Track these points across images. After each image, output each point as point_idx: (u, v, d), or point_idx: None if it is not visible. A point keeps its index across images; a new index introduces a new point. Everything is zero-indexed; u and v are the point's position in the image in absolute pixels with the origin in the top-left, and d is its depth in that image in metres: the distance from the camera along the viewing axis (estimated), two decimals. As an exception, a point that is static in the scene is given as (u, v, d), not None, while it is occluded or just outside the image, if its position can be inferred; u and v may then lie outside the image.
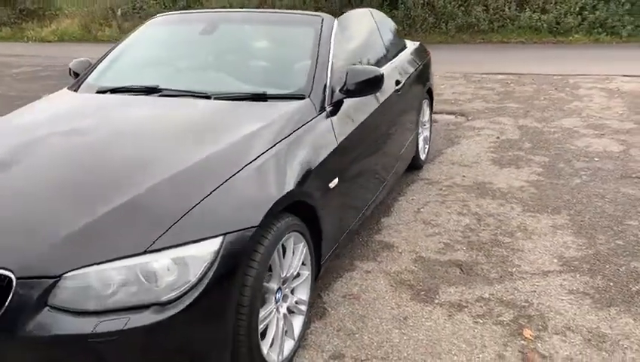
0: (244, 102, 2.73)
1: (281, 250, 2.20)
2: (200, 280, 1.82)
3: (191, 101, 2.73)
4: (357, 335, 2.56)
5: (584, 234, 3.47)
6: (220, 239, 1.88)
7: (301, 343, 2.47)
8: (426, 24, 13.79)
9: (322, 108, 2.75)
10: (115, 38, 17.14)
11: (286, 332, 2.34)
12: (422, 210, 3.91)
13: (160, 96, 2.81)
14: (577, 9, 12.72)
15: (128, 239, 1.81)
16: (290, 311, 2.39)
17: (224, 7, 15.89)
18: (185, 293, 1.80)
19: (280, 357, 2.26)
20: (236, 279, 1.92)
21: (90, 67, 3.34)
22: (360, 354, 2.43)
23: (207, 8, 15.99)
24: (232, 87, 2.85)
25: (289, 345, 2.35)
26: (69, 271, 1.73)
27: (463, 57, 11.18)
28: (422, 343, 2.50)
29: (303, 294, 2.47)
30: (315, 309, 2.74)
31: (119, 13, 17.41)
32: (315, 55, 2.94)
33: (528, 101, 7.11)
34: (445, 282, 2.99)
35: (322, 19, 3.17)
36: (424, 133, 4.78)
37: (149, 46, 3.38)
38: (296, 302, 2.42)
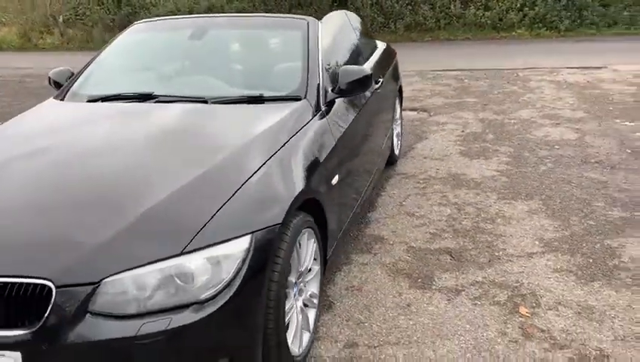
0: (241, 105, 2.80)
1: (297, 246, 2.28)
2: (234, 277, 1.89)
3: (190, 106, 2.77)
4: (366, 324, 2.68)
5: (558, 216, 3.71)
6: (249, 237, 1.95)
7: (315, 335, 2.56)
8: (375, 23, 14.06)
9: (318, 108, 2.84)
10: (58, 45, 16.64)
11: (302, 325, 2.42)
12: (404, 203, 4.06)
13: (156, 102, 2.84)
14: (518, 5, 13.31)
15: (162, 242, 1.86)
16: (304, 304, 2.47)
17: (172, 12, 15.70)
18: (220, 291, 1.86)
19: (300, 349, 2.34)
20: (265, 275, 2.00)
21: (74, 76, 3.31)
22: (372, 342, 2.55)
23: (154, 14, 15.75)
24: (228, 91, 2.91)
25: (306, 337, 2.43)
26: (108, 276, 1.76)
27: (414, 55, 11.46)
28: (428, 327, 2.63)
29: (315, 288, 2.56)
30: (322, 302, 2.83)
31: (61, 20, 16.89)
32: (305, 57, 3.03)
33: (484, 95, 7.43)
34: (439, 269, 3.14)
35: (308, 22, 3.26)
36: (396, 130, 4.95)
37: (135, 53, 3.38)
38: (310, 296, 2.51)
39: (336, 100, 3.03)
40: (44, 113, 2.96)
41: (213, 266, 1.87)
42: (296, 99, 2.83)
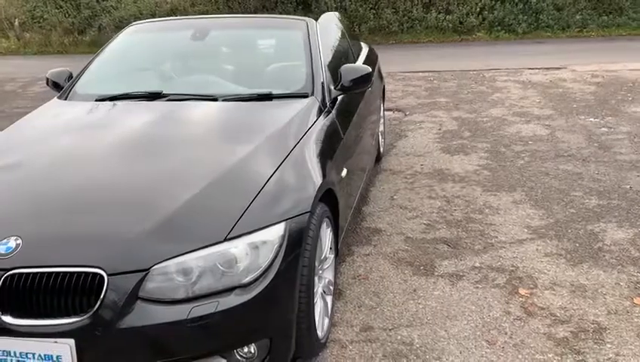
0: (251, 102, 2.90)
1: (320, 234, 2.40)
2: (272, 262, 1.99)
3: (203, 104, 2.85)
4: (377, 309, 2.81)
5: (541, 206, 3.94)
6: (284, 224, 2.06)
7: (331, 321, 2.68)
8: (340, 27, 14.26)
9: (324, 105, 2.97)
10: (14, 50, 16.18)
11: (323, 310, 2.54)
12: (395, 197, 4.22)
13: (167, 100, 2.90)
14: (478, 9, 13.76)
15: (206, 230, 1.95)
16: (323, 291, 2.58)
17: (134, 15, 15.52)
18: (261, 275, 1.96)
19: (322, 333, 2.45)
20: (298, 260, 2.10)
21: (76, 76, 3.33)
22: (386, 325, 2.68)
23: (116, 16, 15.54)
24: (235, 89, 3.00)
25: (326, 322, 2.55)
26: (157, 263, 1.84)
27: (381, 58, 11.66)
28: (437, 309, 2.79)
29: (331, 276, 2.68)
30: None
31: (17, 23, 16.43)
32: (308, 56, 3.16)
33: (455, 95, 7.70)
34: (438, 257, 3.30)
35: (307, 23, 3.38)
36: (380, 128, 5.11)
37: (137, 53, 3.43)
38: (328, 283, 2.63)
39: (339, 97, 3.16)
40: (56, 113, 2.98)
41: (253, 252, 1.97)
42: (303, 96, 2.95)
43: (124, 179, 2.20)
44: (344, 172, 2.87)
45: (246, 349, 2.01)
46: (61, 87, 3.37)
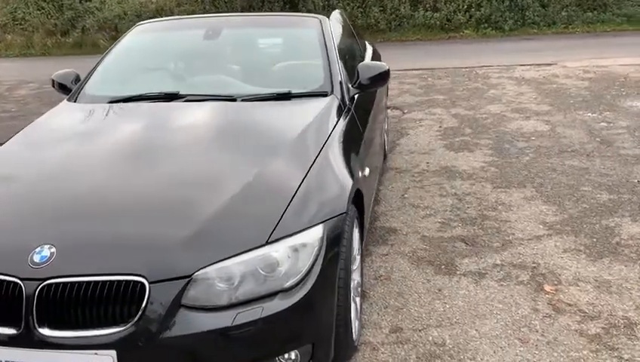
0: (270, 102, 2.83)
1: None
2: (312, 265, 1.94)
3: (222, 104, 2.78)
4: (404, 310, 2.77)
5: (553, 202, 3.94)
6: (322, 226, 2.01)
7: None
8: (327, 26, 14.21)
9: (344, 103, 2.92)
10: (-6, 52, 15.86)
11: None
12: (405, 195, 4.19)
13: (185, 101, 2.83)
14: (465, 7, 13.80)
15: (246, 234, 1.89)
16: (353, 293, 2.53)
17: (119, 16, 15.31)
18: (302, 279, 1.91)
19: (355, 336, 2.41)
20: (336, 262, 2.06)
21: (85, 78, 3.24)
22: (416, 325, 2.65)
23: (100, 17, 15.31)
24: (253, 89, 2.94)
25: (356, 324, 2.50)
26: (199, 269, 1.78)
27: (371, 56, 11.72)
28: (464, 308, 2.76)
29: (358, 277, 2.63)
30: (357, 292, 2.91)
31: (-3, 25, 16.11)
32: (325, 54, 3.11)
33: (450, 92, 7.70)
34: (458, 255, 3.28)
35: (320, 20, 3.33)
36: (385, 126, 5.08)
37: (146, 53, 3.35)
38: (357, 284, 2.58)
39: (355, 96, 3.11)
40: (70, 116, 2.89)
41: (294, 255, 1.92)
42: (323, 94, 2.89)
43: (156, 183, 2.13)
44: (366, 171, 2.82)
45: (287, 356, 1.95)
46: (68, 89, 3.28)
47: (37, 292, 1.72)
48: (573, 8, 13.78)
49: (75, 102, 3.07)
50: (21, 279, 1.73)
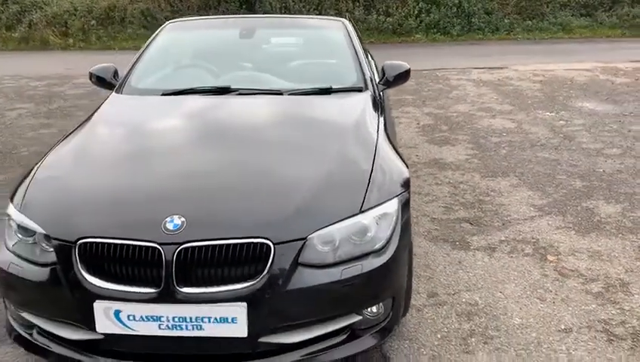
0: (312, 96, 3.16)
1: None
2: (393, 230, 2.29)
3: (276, 97, 3.07)
4: (434, 279, 3.17)
5: (536, 188, 4.46)
6: (397, 200, 2.37)
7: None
8: (284, 27, 14.54)
9: (379, 97, 3.29)
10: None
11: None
12: (405, 184, 4.60)
13: (237, 95, 3.10)
14: (416, 12, 14.51)
15: (343, 204, 2.22)
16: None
17: (68, 11, 14.97)
18: (387, 242, 2.26)
19: (406, 297, 2.78)
20: (407, 230, 2.42)
21: (127, 72, 3.43)
22: (448, 291, 3.05)
23: (50, 13, 14.91)
24: (296, 85, 3.25)
25: (404, 288, 2.87)
26: (313, 232, 2.09)
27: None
28: (485, 276, 3.19)
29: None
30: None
31: None
32: (353, 53, 3.47)
33: (417, 92, 8.22)
34: (467, 234, 3.72)
35: (343, 22, 3.69)
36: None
37: (186, 50, 3.58)
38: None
39: (382, 92, 3.49)
40: (136, 105, 3.07)
41: (379, 222, 2.26)
42: (358, 90, 3.25)
43: (255, 163, 2.41)
44: (400, 160, 3.20)
45: (373, 308, 2.29)
46: (106, 82, 3.45)
47: (175, 255, 1.98)
48: (514, 16, 14.80)
49: (122, 94, 3.26)
50: (160, 244, 1.99)
